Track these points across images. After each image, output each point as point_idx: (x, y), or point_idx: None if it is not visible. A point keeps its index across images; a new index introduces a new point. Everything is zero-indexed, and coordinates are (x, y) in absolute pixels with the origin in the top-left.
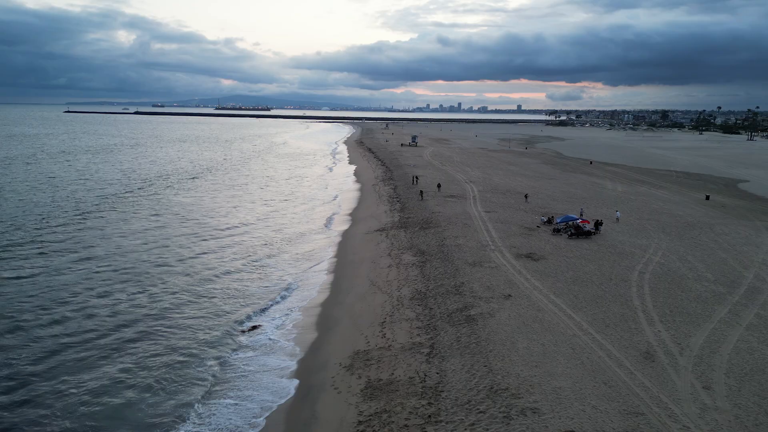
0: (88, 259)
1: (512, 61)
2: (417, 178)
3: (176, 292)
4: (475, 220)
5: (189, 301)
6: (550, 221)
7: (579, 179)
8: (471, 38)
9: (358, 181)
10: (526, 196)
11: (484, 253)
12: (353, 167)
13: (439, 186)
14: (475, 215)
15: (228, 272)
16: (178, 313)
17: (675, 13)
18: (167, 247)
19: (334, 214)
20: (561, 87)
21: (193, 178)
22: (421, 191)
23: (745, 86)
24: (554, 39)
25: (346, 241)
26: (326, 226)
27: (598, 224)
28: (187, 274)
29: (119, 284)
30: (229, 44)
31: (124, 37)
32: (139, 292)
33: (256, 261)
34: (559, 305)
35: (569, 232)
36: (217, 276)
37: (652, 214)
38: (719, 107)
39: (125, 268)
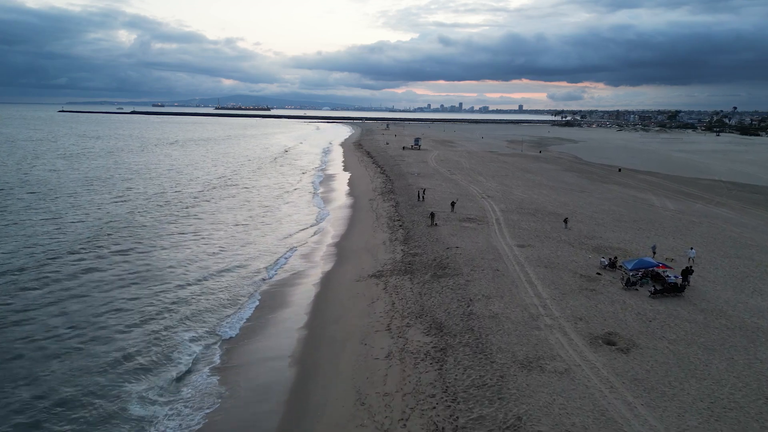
0: None
1: (513, 61)
2: (423, 192)
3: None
4: (508, 261)
5: None
6: (613, 264)
7: (615, 192)
8: (472, 38)
9: (351, 193)
10: (565, 221)
11: (537, 333)
12: (348, 175)
13: (452, 204)
14: (505, 252)
15: (115, 364)
16: None
17: (677, 12)
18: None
19: (315, 244)
20: (562, 87)
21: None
22: (432, 213)
23: (748, 86)
24: (556, 39)
25: (326, 294)
26: (302, 267)
27: (687, 273)
28: (49, 375)
29: None
30: (229, 44)
31: (125, 37)
32: None
33: (171, 344)
34: None
35: (651, 288)
36: (89, 385)
37: (738, 249)
38: (735, 108)
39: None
